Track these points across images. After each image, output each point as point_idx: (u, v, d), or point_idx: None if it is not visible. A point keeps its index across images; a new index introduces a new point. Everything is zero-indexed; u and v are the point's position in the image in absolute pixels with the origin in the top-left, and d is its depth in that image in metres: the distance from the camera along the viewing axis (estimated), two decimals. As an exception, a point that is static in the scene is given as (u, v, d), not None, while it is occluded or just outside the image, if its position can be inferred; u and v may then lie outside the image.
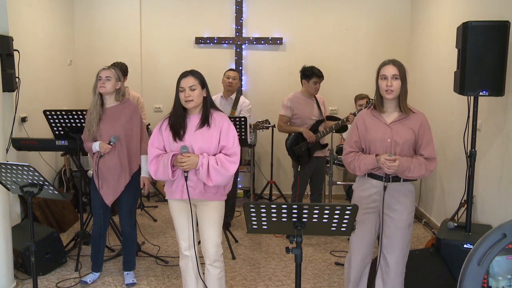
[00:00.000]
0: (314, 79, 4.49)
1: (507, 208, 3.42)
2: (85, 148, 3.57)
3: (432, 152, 2.78)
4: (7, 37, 4.09)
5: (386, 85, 2.72)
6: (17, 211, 4.36)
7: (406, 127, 2.77)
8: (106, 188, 3.47)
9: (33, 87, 4.75)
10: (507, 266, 1.72)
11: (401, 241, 2.83)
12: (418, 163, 2.73)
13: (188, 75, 2.80)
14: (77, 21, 5.92)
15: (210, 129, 2.79)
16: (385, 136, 2.77)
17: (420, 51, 5.48)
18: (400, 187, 2.81)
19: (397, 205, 2.82)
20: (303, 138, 4.52)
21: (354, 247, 2.96)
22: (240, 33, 5.91)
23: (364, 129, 2.85)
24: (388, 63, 2.78)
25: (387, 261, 2.86)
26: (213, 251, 2.87)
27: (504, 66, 3.26)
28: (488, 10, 3.77)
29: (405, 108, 2.78)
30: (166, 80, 6.01)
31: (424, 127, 2.79)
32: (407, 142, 2.76)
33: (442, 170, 4.75)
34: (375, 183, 2.83)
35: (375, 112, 2.86)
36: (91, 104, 3.46)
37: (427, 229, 4.91)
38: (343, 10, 5.91)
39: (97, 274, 3.71)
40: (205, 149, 2.77)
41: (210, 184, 2.73)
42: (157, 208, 5.64)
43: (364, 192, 2.88)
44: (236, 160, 2.76)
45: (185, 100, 2.76)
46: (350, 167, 2.88)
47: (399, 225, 2.82)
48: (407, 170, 2.70)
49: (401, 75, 2.74)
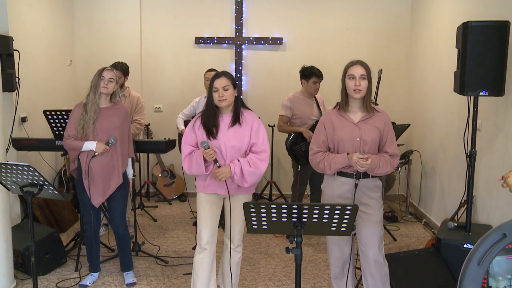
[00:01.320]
0: (314, 79, 4.50)
1: (507, 208, 3.42)
2: (68, 145, 3.41)
3: (396, 149, 2.90)
4: (7, 37, 4.09)
5: (355, 85, 2.81)
6: (17, 211, 4.36)
7: (372, 126, 2.86)
8: (95, 189, 3.40)
9: (33, 87, 4.75)
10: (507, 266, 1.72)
11: (378, 235, 2.91)
12: (385, 160, 2.83)
13: (221, 76, 2.92)
14: (77, 21, 5.92)
15: (241, 127, 2.94)
16: (353, 135, 2.84)
17: (420, 51, 5.48)
18: (369, 183, 2.90)
19: (369, 200, 2.90)
20: (303, 138, 4.52)
21: (330, 245, 3.03)
22: (240, 33, 5.91)
23: (331, 128, 2.91)
24: (356, 63, 2.86)
25: (368, 257, 2.91)
26: (239, 237, 3.08)
27: (504, 66, 3.26)
28: (488, 10, 3.77)
29: (369, 107, 2.87)
30: (166, 80, 6.02)
31: (388, 126, 2.90)
32: (374, 141, 2.86)
33: (442, 170, 4.75)
34: (345, 180, 2.89)
35: (341, 112, 2.93)
36: (87, 101, 3.36)
37: (427, 229, 4.91)
38: (343, 10, 5.91)
39: (95, 275, 3.70)
40: (237, 146, 2.91)
41: (245, 185, 2.91)
42: (157, 208, 5.64)
43: (335, 190, 2.93)
44: (266, 157, 2.93)
45: (218, 100, 2.89)
46: (319, 167, 2.92)
47: (374, 220, 2.90)
48: (377, 168, 2.80)
49: (367, 75, 2.84)
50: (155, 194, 6.06)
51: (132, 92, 4.67)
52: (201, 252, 3.00)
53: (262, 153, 2.92)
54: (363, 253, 2.94)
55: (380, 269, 2.92)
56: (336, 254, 3.02)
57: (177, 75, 6.01)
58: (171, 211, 5.55)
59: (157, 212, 5.50)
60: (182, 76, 6.00)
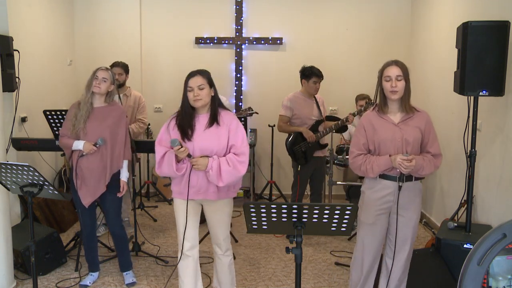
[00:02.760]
0: (314, 78, 4.49)
1: (507, 208, 3.42)
2: (62, 144, 3.43)
3: (438, 149, 2.84)
4: (7, 37, 4.09)
5: (391, 86, 2.75)
6: (17, 211, 4.36)
7: (413, 126, 2.80)
8: (85, 189, 3.38)
9: (33, 87, 4.75)
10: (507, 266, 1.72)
11: (411, 240, 2.90)
12: (428, 160, 2.77)
13: (196, 75, 2.83)
14: (77, 21, 5.92)
15: (219, 128, 2.81)
16: (395, 136, 2.78)
17: (420, 51, 5.48)
18: (413, 186, 2.85)
19: (410, 204, 2.85)
20: (303, 138, 4.52)
21: (367, 249, 2.96)
22: (240, 33, 5.91)
23: (372, 130, 2.84)
24: (392, 64, 2.79)
25: (398, 258, 2.91)
26: (225, 242, 2.99)
27: (504, 66, 3.26)
28: (488, 10, 3.77)
29: (409, 107, 2.81)
30: (166, 80, 6.02)
31: (429, 125, 2.84)
32: (416, 141, 2.80)
33: (442, 170, 4.74)
34: (388, 183, 2.82)
35: (380, 113, 2.87)
36: (80, 100, 3.38)
37: (427, 229, 4.91)
38: (343, 10, 5.91)
39: (95, 274, 3.70)
40: (215, 148, 2.78)
41: (220, 184, 2.76)
42: (157, 208, 5.64)
43: (377, 193, 2.87)
44: (245, 160, 2.79)
45: (193, 100, 2.78)
46: (360, 170, 2.84)
47: (411, 224, 2.87)
48: (421, 169, 2.74)
49: (404, 75, 2.76)
50: (155, 194, 6.06)
51: (134, 92, 4.67)
52: (184, 259, 2.96)
53: (241, 155, 2.77)
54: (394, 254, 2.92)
55: (405, 270, 2.96)
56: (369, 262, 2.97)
57: (177, 75, 5.98)
58: (171, 211, 5.54)
59: (157, 212, 5.50)
60: (182, 76, 5.87)
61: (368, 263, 2.97)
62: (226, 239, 3.01)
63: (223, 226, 2.97)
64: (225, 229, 2.99)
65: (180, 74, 5.98)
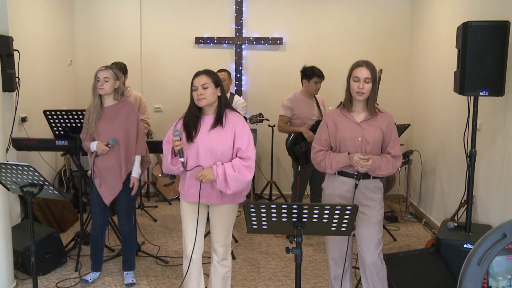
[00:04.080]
0: (315, 79, 4.50)
1: (507, 208, 3.42)
2: (84, 147, 3.57)
3: (398, 151, 2.88)
4: (7, 37, 4.09)
5: (358, 87, 2.79)
6: (17, 211, 4.36)
7: (375, 126, 2.85)
8: (105, 188, 3.47)
9: (33, 87, 4.75)
10: (507, 266, 1.72)
11: (376, 237, 2.90)
12: (386, 161, 2.81)
13: (201, 74, 2.79)
14: (77, 21, 5.92)
15: (224, 129, 2.76)
16: (355, 135, 2.83)
17: (420, 51, 5.48)
18: (370, 184, 2.89)
19: (368, 201, 2.89)
20: (303, 138, 4.52)
21: (329, 245, 3.02)
22: (240, 33, 5.91)
23: (334, 127, 2.89)
24: (362, 65, 2.82)
25: (364, 258, 2.91)
26: (223, 249, 2.92)
27: (504, 66, 3.26)
28: (488, 10, 3.77)
29: (373, 109, 2.85)
30: (166, 80, 6.02)
31: (392, 127, 2.88)
32: (377, 141, 2.84)
33: (442, 170, 4.75)
34: (346, 180, 2.88)
35: (344, 111, 2.91)
36: (90, 104, 3.47)
37: (427, 229, 4.91)
38: (343, 10, 5.90)
39: (97, 273, 3.71)
40: (220, 149, 2.74)
41: (228, 192, 2.71)
42: (157, 208, 5.64)
43: (335, 190, 2.93)
44: (251, 165, 2.74)
45: (197, 99, 2.74)
46: (320, 166, 2.90)
47: (372, 221, 2.89)
48: (378, 168, 2.78)
49: (372, 77, 2.80)
50: (155, 194, 6.05)
51: (134, 92, 4.67)
52: (187, 262, 2.95)
53: (247, 159, 2.72)
54: (361, 254, 2.94)
55: (378, 271, 2.91)
56: (336, 253, 3.01)
57: (177, 75, 6.00)
58: (171, 211, 5.55)
59: (157, 212, 5.50)
60: (182, 76, 5.98)
61: (334, 259, 3.01)
62: (224, 247, 2.91)
63: (224, 232, 2.90)
64: (225, 235, 2.90)
65: (180, 74, 6.06)
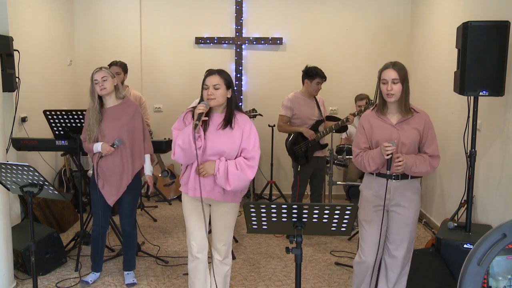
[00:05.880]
0: (318, 79, 4.49)
1: (507, 208, 3.42)
2: (85, 148, 3.54)
3: (436, 150, 2.85)
4: (7, 37, 4.09)
5: (387, 89, 2.77)
6: (17, 211, 4.36)
7: (411, 127, 2.82)
8: (108, 188, 3.45)
9: (33, 87, 4.75)
10: (507, 266, 1.72)
11: (408, 237, 2.90)
12: (422, 159, 2.78)
13: (214, 74, 2.77)
14: (77, 21, 5.92)
15: (233, 130, 2.77)
16: (391, 137, 2.80)
17: (420, 51, 5.48)
18: (408, 184, 2.87)
19: (405, 202, 2.87)
20: (303, 138, 4.52)
21: (367, 245, 2.95)
22: (240, 33, 5.91)
23: (370, 129, 2.88)
24: (389, 67, 2.81)
25: (395, 256, 2.91)
26: (225, 248, 2.93)
27: (504, 66, 3.26)
28: (488, 10, 3.77)
29: (407, 109, 2.82)
30: (166, 80, 6.02)
31: (428, 126, 2.85)
32: (413, 142, 2.82)
33: (442, 170, 4.75)
34: (382, 181, 2.85)
35: (379, 114, 2.89)
36: (89, 109, 3.44)
37: (427, 229, 4.91)
38: (343, 10, 5.90)
39: (97, 274, 3.71)
40: (227, 150, 2.75)
41: (228, 188, 2.73)
42: (157, 208, 5.64)
43: (372, 190, 2.91)
44: (255, 165, 2.76)
45: (207, 98, 2.73)
46: (361, 166, 2.89)
47: (406, 222, 2.88)
48: (414, 166, 2.75)
49: (401, 78, 2.77)
50: (155, 194, 6.05)
51: (134, 92, 4.67)
52: (193, 260, 2.95)
53: (251, 160, 2.74)
54: (391, 252, 2.93)
55: (405, 271, 2.96)
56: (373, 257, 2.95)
57: (177, 75, 6.00)
58: (171, 211, 5.55)
59: (157, 212, 5.50)
60: (182, 76, 6.00)
61: (368, 261, 2.97)
62: (226, 246, 2.94)
63: (226, 231, 2.92)
64: (228, 234, 2.93)
65: (180, 74, 6.06)
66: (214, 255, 2.96)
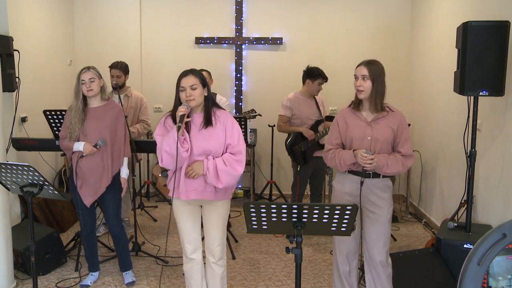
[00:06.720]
0: (319, 80, 4.49)
1: (507, 208, 3.42)
2: (62, 146, 3.45)
3: (409, 150, 2.88)
4: (7, 37, 4.09)
5: (356, 85, 2.84)
6: (17, 211, 4.36)
7: (386, 125, 2.85)
8: (86, 189, 3.38)
9: (33, 87, 4.75)
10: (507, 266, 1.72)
11: (384, 235, 2.90)
12: (395, 159, 2.81)
13: (188, 74, 2.77)
14: (77, 21, 5.92)
15: (215, 128, 2.77)
16: (365, 134, 2.84)
17: (420, 51, 5.48)
18: (379, 182, 2.89)
19: (377, 200, 2.89)
20: (303, 138, 4.52)
21: (339, 242, 3.00)
22: (240, 33, 5.91)
23: (344, 126, 2.92)
24: (361, 64, 2.89)
25: (372, 256, 2.91)
26: (219, 249, 2.90)
27: (504, 66, 3.26)
28: (488, 10, 3.77)
29: (377, 107, 2.85)
30: (166, 80, 6.01)
31: (403, 126, 2.88)
32: (387, 140, 2.84)
33: (442, 170, 4.75)
34: (355, 178, 2.89)
35: (355, 110, 2.93)
36: (71, 107, 3.37)
37: (427, 229, 4.91)
38: (343, 10, 5.90)
39: (95, 274, 3.70)
40: (213, 148, 2.75)
41: (220, 186, 2.73)
42: (157, 208, 5.64)
43: (345, 187, 2.94)
44: (242, 159, 2.77)
45: (186, 100, 2.72)
46: (331, 164, 2.94)
47: (381, 220, 2.89)
48: (385, 166, 2.78)
49: (371, 75, 2.82)
50: (155, 194, 6.06)
51: (135, 92, 4.67)
52: (188, 262, 2.94)
53: (238, 154, 2.75)
54: (368, 252, 2.93)
55: (384, 269, 2.92)
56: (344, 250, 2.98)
57: (177, 75, 5.92)
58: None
59: (157, 212, 5.50)
60: (182, 76, 5.99)
61: (342, 255, 2.99)
62: (221, 246, 2.91)
63: (219, 230, 2.90)
64: (221, 233, 2.91)
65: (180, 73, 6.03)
66: (208, 257, 2.93)
